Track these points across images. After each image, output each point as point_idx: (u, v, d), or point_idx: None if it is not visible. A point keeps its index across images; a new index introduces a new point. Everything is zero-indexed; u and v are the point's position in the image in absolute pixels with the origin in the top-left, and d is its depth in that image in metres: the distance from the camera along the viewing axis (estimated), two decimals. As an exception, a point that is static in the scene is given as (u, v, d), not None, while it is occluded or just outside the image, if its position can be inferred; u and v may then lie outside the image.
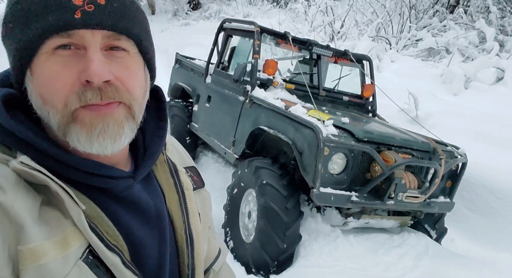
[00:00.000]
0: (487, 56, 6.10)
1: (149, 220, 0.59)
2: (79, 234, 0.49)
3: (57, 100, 0.49)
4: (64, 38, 0.49)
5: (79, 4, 0.48)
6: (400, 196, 2.50)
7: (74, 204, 0.49)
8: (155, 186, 0.64)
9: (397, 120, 4.05)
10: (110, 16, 0.50)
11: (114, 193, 0.56)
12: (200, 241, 0.67)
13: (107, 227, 0.52)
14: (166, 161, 0.68)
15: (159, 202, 0.62)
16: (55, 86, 0.49)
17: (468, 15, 8.60)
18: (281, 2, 15.67)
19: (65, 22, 0.48)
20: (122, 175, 0.57)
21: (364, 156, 2.53)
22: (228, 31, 3.80)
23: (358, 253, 2.48)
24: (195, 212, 0.68)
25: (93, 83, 0.49)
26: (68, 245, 0.47)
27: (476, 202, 3.41)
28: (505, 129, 3.95)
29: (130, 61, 0.54)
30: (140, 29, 0.55)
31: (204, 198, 0.76)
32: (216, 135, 3.55)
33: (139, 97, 0.56)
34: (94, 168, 0.53)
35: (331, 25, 8.82)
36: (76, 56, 0.50)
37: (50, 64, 0.49)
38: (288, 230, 2.43)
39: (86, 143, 0.51)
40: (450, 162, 2.73)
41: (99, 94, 0.50)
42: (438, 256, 2.62)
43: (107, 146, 0.52)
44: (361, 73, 3.80)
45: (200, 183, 0.75)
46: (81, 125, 0.50)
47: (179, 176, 0.68)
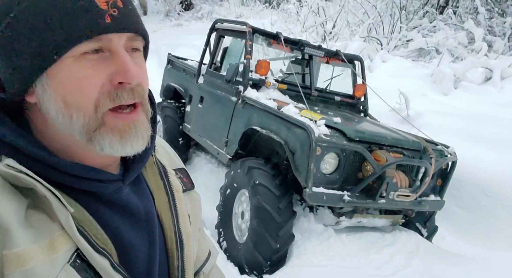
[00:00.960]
0: (476, 56, 6.20)
1: (138, 223, 0.59)
2: (66, 238, 0.48)
3: (87, 102, 0.50)
4: (95, 42, 0.49)
5: (105, 8, 0.49)
6: (392, 195, 2.53)
7: (62, 207, 0.48)
8: (144, 189, 0.64)
9: (388, 119, 4.09)
10: (132, 19, 0.52)
11: (102, 196, 0.56)
12: (190, 243, 0.66)
13: (95, 230, 0.52)
14: (155, 163, 0.68)
15: (148, 205, 0.62)
16: (85, 88, 0.50)
17: (457, 15, 8.73)
18: (273, 2, 15.71)
19: (97, 27, 0.49)
20: (111, 178, 0.56)
21: (356, 156, 2.55)
22: (220, 31, 3.80)
23: (350, 252, 2.50)
24: (185, 214, 0.68)
25: (128, 85, 0.51)
26: (56, 249, 0.47)
27: (466, 200, 3.46)
28: (494, 128, 4.01)
29: (142, 60, 0.57)
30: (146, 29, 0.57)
31: (194, 200, 0.76)
32: (208, 135, 3.55)
33: (147, 94, 0.58)
34: (82, 172, 0.53)
35: (323, 25, 8.87)
36: (103, 59, 0.51)
37: (78, 67, 0.49)
38: (281, 230, 2.44)
39: (119, 147, 0.52)
40: (440, 161, 2.76)
41: (133, 95, 0.52)
42: (429, 253, 2.65)
43: (138, 148, 0.54)
44: (352, 73, 3.83)
45: (189, 185, 0.75)
46: (112, 131, 0.52)
47: (168, 178, 0.68)
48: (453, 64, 6.01)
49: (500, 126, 4.09)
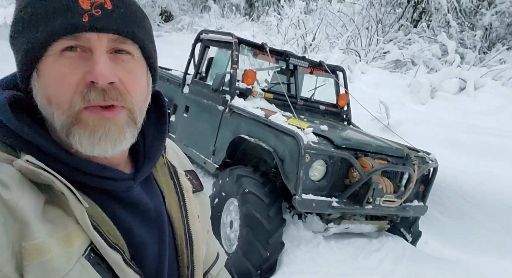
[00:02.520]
0: (450, 67, 6.48)
1: (149, 221, 0.60)
2: (81, 232, 0.50)
3: (63, 100, 0.51)
4: (71, 40, 0.50)
5: (86, 8, 0.50)
6: (378, 201, 2.59)
7: (77, 202, 0.49)
8: (155, 188, 0.65)
9: (370, 128, 4.20)
10: (116, 21, 0.52)
11: (114, 194, 0.57)
12: (199, 242, 0.67)
13: (108, 226, 0.53)
14: (166, 164, 0.69)
15: (159, 204, 0.63)
16: (61, 86, 0.50)
17: (430, 29, 9.12)
18: (253, 15, 15.95)
19: (72, 25, 0.49)
20: (123, 177, 0.58)
21: (343, 163, 2.60)
22: (205, 42, 3.83)
23: (339, 258, 2.53)
24: (195, 214, 0.69)
25: (97, 84, 0.50)
26: (71, 243, 0.48)
27: (446, 206, 3.58)
28: (470, 136, 4.19)
29: (134, 65, 0.56)
30: (145, 34, 0.57)
31: (203, 202, 0.77)
32: (195, 145, 3.53)
33: (141, 101, 0.57)
34: (96, 170, 0.54)
35: (304, 38, 9.07)
36: (82, 58, 0.51)
37: (57, 65, 0.50)
38: (271, 238, 2.44)
39: (88, 145, 0.52)
40: (422, 167, 2.86)
41: (102, 95, 0.51)
42: (415, 259, 2.71)
43: (107, 149, 0.53)
44: (335, 83, 3.92)
45: (199, 187, 0.76)
46: (84, 127, 0.51)
47: (178, 178, 0.69)
48: (429, 75, 6.26)
49: (476, 133, 4.28)
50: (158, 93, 0.68)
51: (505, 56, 7.62)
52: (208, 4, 17.60)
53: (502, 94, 5.38)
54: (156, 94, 0.67)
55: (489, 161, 3.70)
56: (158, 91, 0.68)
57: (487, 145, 3.93)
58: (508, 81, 5.94)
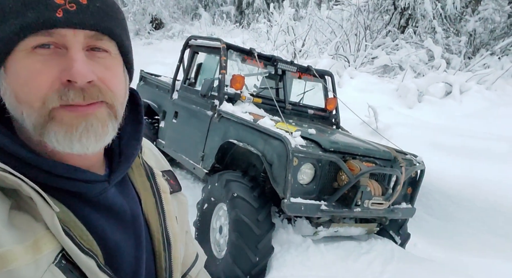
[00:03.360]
0: (436, 72, 6.60)
1: (124, 224, 0.58)
2: (51, 238, 0.47)
3: (35, 98, 0.48)
4: (44, 36, 0.48)
5: (60, 2, 0.48)
6: (366, 203, 2.60)
7: (47, 206, 0.47)
8: (130, 190, 0.63)
9: (359, 132, 4.24)
10: (93, 16, 0.50)
11: (87, 197, 0.54)
12: (177, 244, 0.66)
13: (80, 231, 0.51)
14: (142, 164, 0.67)
15: (135, 206, 0.61)
16: (33, 84, 0.48)
17: (417, 35, 9.30)
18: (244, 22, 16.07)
19: (46, 20, 0.47)
20: (97, 179, 0.55)
21: (331, 166, 2.61)
22: (194, 48, 3.84)
23: (329, 261, 2.53)
24: (172, 215, 0.67)
25: (76, 83, 0.48)
26: (40, 250, 0.46)
27: (434, 207, 3.62)
28: (456, 138, 4.25)
29: (111, 62, 0.54)
30: (121, 30, 0.55)
31: (181, 202, 0.75)
32: (184, 150, 3.52)
33: (121, 97, 0.56)
34: (67, 172, 0.52)
35: (293, 44, 9.16)
36: (56, 55, 0.49)
37: (29, 62, 0.48)
38: (260, 242, 2.43)
39: (66, 143, 0.49)
40: (410, 169, 2.88)
41: (82, 95, 0.49)
42: (404, 260, 2.72)
43: (89, 145, 0.51)
44: (324, 88, 3.96)
45: (176, 187, 0.75)
46: (59, 124, 0.49)
47: (155, 179, 0.67)
48: (416, 79, 6.37)
49: (462, 136, 4.35)
50: (134, 91, 0.66)
51: (488, 61, 7.80)
52: (198, 11, 17.70)
53: (486, 97, 5.50)
54: (132, 92, 0.66)
55: (474, 163, 3.76)
56: (133, 89, 0.66)
57: (473, 148, 4.00)
58: (492, 85, 6.08)
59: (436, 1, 9.27)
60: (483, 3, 9.55)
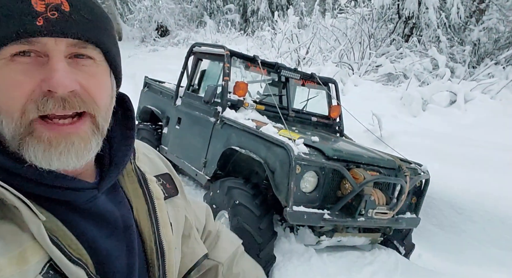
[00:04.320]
0: (441, 81, 6.57)
1: (116, 232, 0.57)
2: (38, 248, 0.46)
3: (14, 108, 0.47)
4: (24, 45, 0.47)
5: (41, 10, 0.46)
6: (370, 213, 2.56)
7: (33, 215, 0.45)
8: (121, 197, 0.62)
9: (362, 140, 4.21)
10: (75, 24, 0.48)
11: (76, 205, 0.53)
12: (171, 252, 0.64)
13: (69, 240, 0.50)
14: (134, 170, 0.65)
15: (126, 213, 0.60)
16: (12, 93, 0.46)
17: (421, 43, 9.30)
18: (248, 30, 16.18)
19: (25, 29, 0.46)
20: (85, 187, 0.54)
21: (335, 174, 2.58)
22: (198, 54, 3.85)
23: (331, 272, 2.49)
24: (167, 222, 0.65)
25: (56, 93, 0.47)
26: (26, 261, 0.44)
27: (438, 218, 3.56)
28: (461, 148, 4.21)
29: (96, 69, 0.52)
30: (107, 37, 0.53)
31: (177, 207, 0.73)
32: (186, 157, 3.51)
33: (105, 106, 0.54)
34: (55, 181, 0.50)
35: (297, 51, 9.18)
36: (37, 64, 0.47)
37: (8, 71, 0.47)
38: (262, 251, 2.39)
39: (44, 159, 0.48)
40: (414, 178, 2.85)
41: (62, 104, 0.48)
42: (408, 272, 2.67)
43: (69, 163, 0.50)
44: (327, 95, 3.95)
45: (173, 191, 0.73)
46: (38, 141, 0.48)
47: (148, 185, 0.65)
48: (420, 88, 6.34)
49: (466, 145, 4.30)
50: (124, 96, 0.65)
51: (493, 70, 7.76)
52: (203, 19, 17.85)
53: (491, 107, 5.46)
54: (123, 97, 0.64)
55: (479, 173, 3.71)
56: (124, 94, 0.65)
57: (478, 157, 3.95)
58: (497, 94, 6.04)
59: (440, 10, 9.28)
60: (488, 13, 9.55)
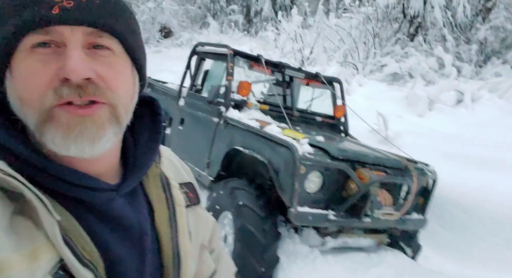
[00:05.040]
0: (447, 80, 6.50)
1: (130, 237, 0.56)
2: (50, 248, 0.45)
3: (34, 98, 0.47)
4: (42, 35, 0.47)
5: (57, 0, 0.47)
6: (376, 214, 2.51)
7: (48, 214, 0.45)
8: (141, 201, 0.60)
9: (368, 140, 4.16)
10: (91, 13, 0.48)
11: (94, 206, 0.52)
12: (188, 261, 0.62)
13: (83, 241, 0.49)
14: (159, 175, 0.64)
15: (143, 219, 0.59)
16: (32, 84, 0.47)
17: (427, 43, 9.22)
18: (252, 30, 16.18)
19: (41, 18, 0.46)
20: (104, 187, 0.53)
21: (340, 174, 2.54)
22: (201, 54, 3.83)
23: (337, 273, 2.44)
24: (185, 230, 0.64)
25: (71, 80, 0.47)
26: (37, 259, 0.44)
27: (446, 219, 3.50)
28: (468, 148, 4.14)
29: (115, 59, 0.52)
30: (125, 27, 0.53)
31: (198, 216, 0.72)
32: (190, 157, 3.48)
33: (125, 98, 0.53)
34: (74, 177, 0.50)
35: (301, 51, 9.14)
36: (55, 54, 0.48)
37: (28, 62, 0.47)
38: (266, 252, 2.36)
39: (62, 145, 0.48)
40: (421, 178, 2.80)
41: (77, 91, 0.47)
42: (416, 274, 2.62)
43: (84, 148, 0.49)
44: (332, 95, 3.90)
45: (195, 200, 0.71)
46: (56, 125, 0.48)
47: (171, 191, 0.65)
48: (427, 87, 6.28)
49: (474, 145, 4.24)
50: (154, 100, 0.65)
51: (500, 69, 7.67)
52: (207, 20, 17.88)
53: (498, 106, 5.38)
54: (152, 101, 0.64)
55: (487, 173, 3.64)
56: (154, 99, 0.65)
57: (485, 157, 3.89)
58: (504, 93, 5.95)
59: (446, 9, 9.19)
60: (494, 11, 9.44)
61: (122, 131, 0.54)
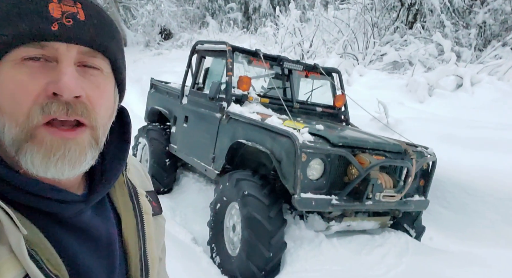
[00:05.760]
0: (446, 65, 6.52)
1: (99, 248, 0.55)
2: (15, 262, 0.44)
3: (19, 111, 0.46)
4: (36, 48, 0.47)
5: (57, 16, 0.47)
6: (378, 196, 2.60)
7: (14, 227, 0.44)
8: (108, 210, 0.60)
9: (369, 128, 4.23)
10: (89, 32, 0.49)
11: (61, 218, 0.51)
12: (155, 269, 0.63)
13: (49, 255, 0.48)
14: (125, 183, 0.63)
15: (111, 228, 0.58)
16: (18, 96, 0.46)
17: (425, 30, 9.21)
18: (251, 27, 16.22)
19: (40, 32, 0.46)
20: (73, 199, 0.52)
21: (341, 160, 2.63)
22: (201, 52, 3.92)
23: (342, 255, 2.54)
24: (153, 238, 0.64)
25: (62, 97, 0.46)
26: (2, 275, 0.43)
27: (449, 200, 3.57)
28: (469, 130, 4.20)
29: (103, 80, 0.52)
30: (117, 48, 0.54)
31: (160, 226, 0.71)
32: (195, 153, 3.59)
33: (105, 119, 0.54)
34: (42, 190, 0.49)
35: (300, 45, 9.19)
36: (45, 68, 0.47)
37: (15, 73, 0.46)
38: (272, 238, 2.46)
39: (41, 166, 0.47)
40: (420, 161, 2.87)
41: (65, 108, 0.47)
42: (419, 252, 2.71)
43: (64, 171, 0.49)
44: (331, 85, 3.98)
45: (158, 210, 0.71)
46: (39, 145, 0.47)
47: (138, 199, 0.64)
48: (426, 73, 6.31)
49: (474, 127, 4.29)
50: (123, 109, 0.63)
51: (500, 52, 7.65)
52: (206, 20, 17.95)
53: (498, 88, 5.40)
54: (121, 110, 0.62)
55: (488, 154, 3.70)
56: (123, 107, 0.63)
57: (486, 139, 3.94)
58: (504, 75, 5.97)
59: (443, -6, 9.18)
60: (492, -7, 9.40)
61: (98, 153, 0.53)
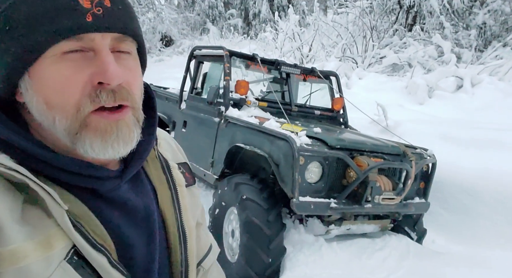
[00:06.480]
0: (446, 66, 6.51)
1: (137, 221, 0.58)
2: (63, 234, 0.47)
3: (69, 104, 0.49)
4: (74, 42, 0.48)
5: (88, 7, 0.48)
6: (377, 199, 2.58)
7: (56, 204, 0.47)
8: (144, 185, 0.63)
9: (369, 130, 4.21)
10: (119, 19, 0.51)
11: (101, 193, 0.55)
12: (192, 237, 0.66)
13: (94, 226, 0.51)
14: (157, 157, 0.67)
15: (148, 201, 0.61)
16: (66, 90, 0.48)
17: (425, 32, 9.21)
18: (251, 33, 16.30)
19: (78, 26, 0.47)
20: (109, 175, 0.55)
21: (339, 163, 2.61)
22: (199, 58, 3.93)
23: (342, 259, 2.51)
24: (187, 208, 0.67)
25: (108, 85, 0.49)
26: (51, 246, 0.46)
27: (450, 201, 3.54)
28: (470, 131, 4.17)
29: (133, 63, 0.55)
30: (140, 30, 0.56)
31: (194, 196, 0.75)
32: (194, 158, 3.58)
33: (140, 99, 0.57)
34: (80, 168, 0.52)
35: (300, 49, 9.21)
36: (85, 59, 0.49)
37: (59, 67, 0.48)
38: (271, 243, 2.43)
39: (101, 149, 0.51)
40: (420, 162, 2.85)
41: (113, 96, 0.50)
42: (420, 255, 2.67)
43: (120, 151, 0.52)
44: (329, 88, 3.98)
45: (191, 180, 0.75)
46: (94, 132, 0.50)
47: (171, 172, 0.67)
48: (426, 75, 6.30)
49: (475, 128, 4.26)
50: (146, 84, 0.65)
51: (501, 52, 7.63)
52: (206, 26, 18.08)
53: (499, 88, 5.38)
54: (145, 86, 0.64)
55: (489, 154, 3.67)
56: (145, 83, 0.64)
57: (487, 139, 3.91)
58: (505, 75, 5.94)
59: (441, -4, 9.19)
60: (491, -5, 9.40)
61: (140, 130, 0.56)
